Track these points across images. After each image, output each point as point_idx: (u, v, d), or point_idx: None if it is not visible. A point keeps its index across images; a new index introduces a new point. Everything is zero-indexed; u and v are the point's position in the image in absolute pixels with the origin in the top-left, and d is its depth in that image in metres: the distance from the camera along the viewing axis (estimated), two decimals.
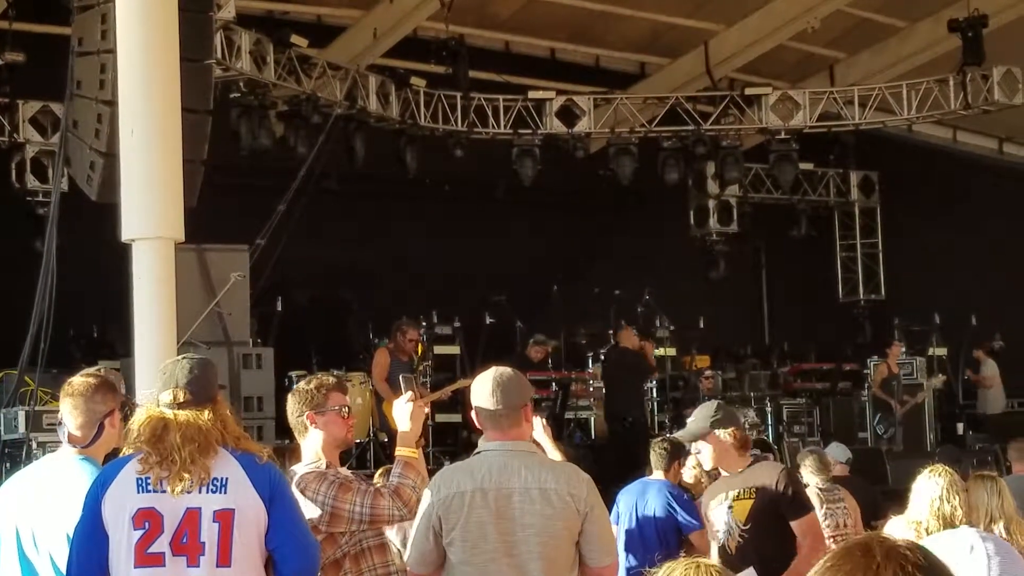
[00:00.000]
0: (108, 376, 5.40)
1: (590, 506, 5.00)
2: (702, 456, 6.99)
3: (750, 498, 6.73)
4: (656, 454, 9.18)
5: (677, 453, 9.15)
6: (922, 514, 6.06)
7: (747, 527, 6.70)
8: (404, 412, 5.54)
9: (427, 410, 5.87)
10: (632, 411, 16.21)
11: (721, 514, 6.80)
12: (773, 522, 6.66)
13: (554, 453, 6.12)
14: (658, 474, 9.09)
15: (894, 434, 17.58)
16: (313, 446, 5.50)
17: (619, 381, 16.49)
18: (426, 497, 5.14)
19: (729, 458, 6.88)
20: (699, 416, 6.97)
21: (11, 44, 15.38)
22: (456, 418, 15.54)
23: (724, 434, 6.85)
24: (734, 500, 6.76)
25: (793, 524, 6.69)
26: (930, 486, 6.08)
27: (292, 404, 5.54)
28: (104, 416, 5.17)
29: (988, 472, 6.86)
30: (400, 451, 5.50)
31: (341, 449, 5.69)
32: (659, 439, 9.87)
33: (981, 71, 18.87)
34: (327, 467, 5.45)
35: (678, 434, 7.28)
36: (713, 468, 7.16)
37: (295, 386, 5.66)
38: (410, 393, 5.57)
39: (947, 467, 6.24)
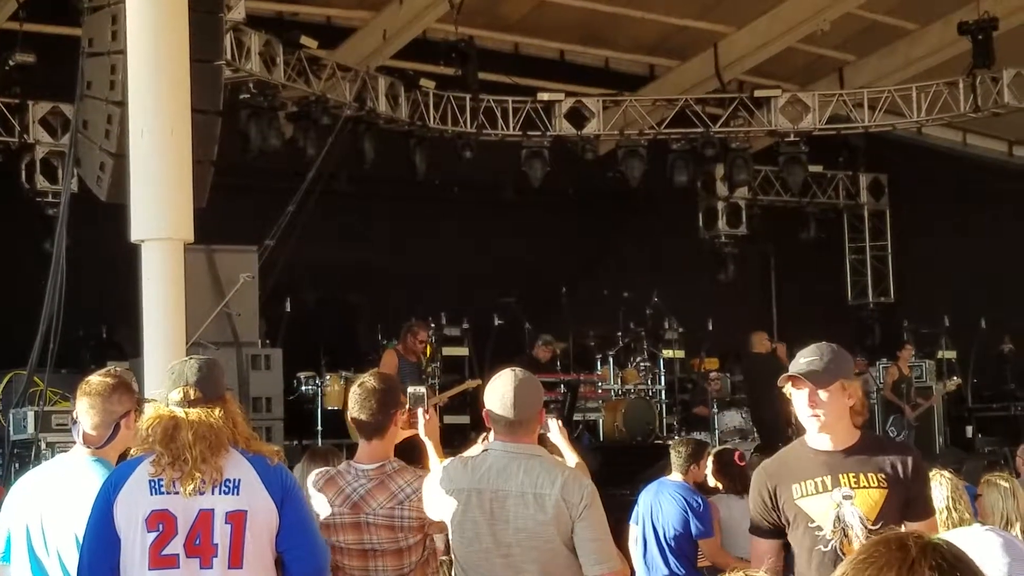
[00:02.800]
0: (125, 376, 5.40)
1: (583, 513, 4.97)
2: (822, 410, 5.04)
3: (880, 487, 4.92)
4: (675, 454, 9.14)
5: (696, 455, 9.11)
6: None
7: (878, 527, 4.84)
8: (427, 432, 5.71)
9: (438, 409, 5.93)
10: (772, 411, 16.48)
11: (826, 505, 4.94)
12: (900, 522, 4.91)
13: (572, 457, 6.11)
14: (676, 475, 9.05)
15: (907, 437, 17.56)
16: (390, 446, 5.55)
17: (760, 386, 16.74)
18: (435, 482, 5.21)
19: (842, 426, 5.06)
20: (821, 356, 5.28)
21: (21, 45, 15.40)
22: (464, 419, 15.54)
23: (851, 387, 5.11)
24: (853, 487, 4.94)
25: (914, 527, 4.82)
26: (935, 497, 6.01)
27: (379, 400, 5.48)
28: (120, 417, 5.16)
29: (1000, 474, 6.82)
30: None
31: None
32: (678, 440, 9.83)
33: (991, 74, 18.84)
34: None
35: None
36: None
37: (368, 382, 5.53)
38: (420, 411, 5.65)
39: (943, 472, 6.18)
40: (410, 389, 5.75)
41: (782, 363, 16.81)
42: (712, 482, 9.26)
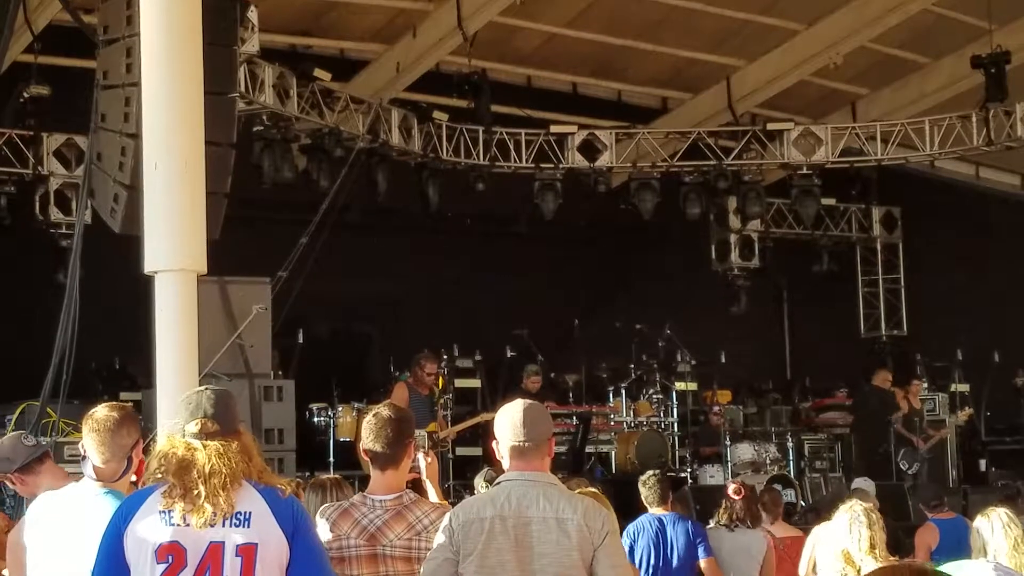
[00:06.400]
0: (129, 408, 5.41)
1: (605, 539, 4.98)
2: None
3: None
4: (649, 489, 9.33)
5: (671, 487, 9.43)
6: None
7: None
8: (428, 474, 5.84)
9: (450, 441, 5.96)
10: (883, 444, 17.45)
11: None
12: None
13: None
14: (658, 508, 9.22)
15: (919, 470, 17.49)
16: (404, 477, 5.58)
17: (871, 418, 17.74)
18: (444, 525, 5.13)
19: None
20: None
21: (36, 77, 15.50)
22: (477, 451, 15.52)
23: None
24: None
25: None
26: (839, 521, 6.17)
27: (394, 430, 5.51)
28: (130, 449, 5.17)
29: (993, 508, 6.81)
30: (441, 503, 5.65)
31: None
32: (648, 474, 9.92)
33: (1004, 107, 18.82)
34: None
35: None
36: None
37: (382, 412, 5.57)
38: (421, 455, 5.67)
39: (860, 500, 6.37)
40: None
41: (896, 402, 17.59)
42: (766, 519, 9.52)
